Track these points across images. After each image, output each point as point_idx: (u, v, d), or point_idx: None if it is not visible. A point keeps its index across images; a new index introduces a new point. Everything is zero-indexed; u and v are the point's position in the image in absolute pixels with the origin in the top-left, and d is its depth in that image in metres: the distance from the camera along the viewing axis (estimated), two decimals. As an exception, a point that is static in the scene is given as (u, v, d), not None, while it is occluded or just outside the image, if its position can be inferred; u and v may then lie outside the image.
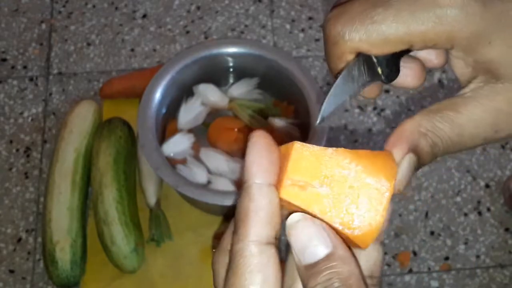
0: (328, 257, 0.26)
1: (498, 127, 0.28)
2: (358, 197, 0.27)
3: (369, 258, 0.29)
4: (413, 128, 0.28)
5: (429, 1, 0.26)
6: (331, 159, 0.27)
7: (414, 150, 0.27)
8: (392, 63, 0.30)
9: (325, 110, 0.30)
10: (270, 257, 0.26)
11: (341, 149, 0.28)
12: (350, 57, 0.29)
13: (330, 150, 0.28)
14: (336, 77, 0.30)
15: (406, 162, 0.27)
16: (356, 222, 0.27)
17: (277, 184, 0.27)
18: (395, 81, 0.30)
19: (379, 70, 0.29)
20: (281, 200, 0.27)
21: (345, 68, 0.29)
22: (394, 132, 0.28)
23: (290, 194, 0.27)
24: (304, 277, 0.26)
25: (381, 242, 0.29)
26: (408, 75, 0.30)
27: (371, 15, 0.27)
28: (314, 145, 0.28)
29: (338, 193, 0.27)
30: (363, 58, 0.29)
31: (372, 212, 0.27)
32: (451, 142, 0.28)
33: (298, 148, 0.27)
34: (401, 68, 0.30)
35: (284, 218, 0.28)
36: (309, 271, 0.26)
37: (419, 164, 0.28)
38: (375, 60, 0.29)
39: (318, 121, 0.30)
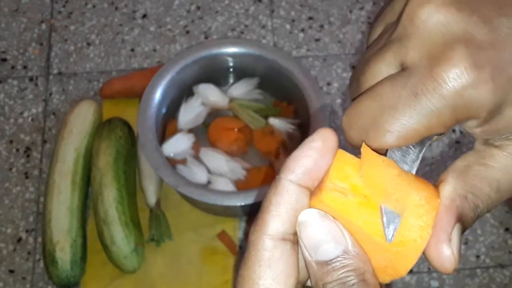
0: (343, 255, 0.25)
1: None
2: (404, 212, 0.26)
3: None
4: (453, 193, 0.27)
5: (435, 95, 0.25)
6: (379, 169, 0.26)
7: (460, 218, 0.26)
8: None
9: None
10: (283, 253, 0.26)
11: (391, 161, 0.27)
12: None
13: (381, 159, 0.26)
14: None
15: (456, 235, 0.26)
16: (398, 237, 0.25)
17: (318, 188, 0.26)
18: None
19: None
20: (319, 204, 0.26)
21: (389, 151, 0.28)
22: (440, 209, 0.27)
23: (330, 199, 0.26)
24: (317, 274, 0.25)
25: None
26: None
27: (382, 125, 0.26)
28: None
29: (382, 204, 0.26)
30: None
31: (417, 229, 0.25)
32: (491, 200, 0.27)
33: (344, 154, 0.26)
34: None
35: None
36: (324, 268, 0.25)
37: (463, 231, 0.27)
38: None
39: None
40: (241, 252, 0.82)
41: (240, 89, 0.88)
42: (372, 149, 0.27)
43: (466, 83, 0.24)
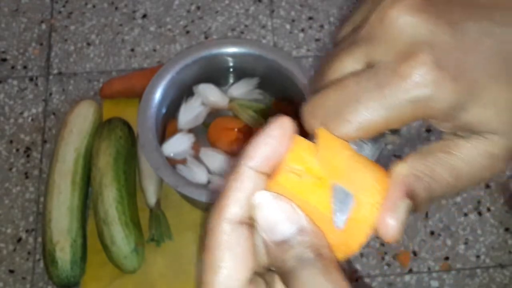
0: (298, 232, 0.26)
1: (494, 169, 0.28)
2: (357, 191, 0.27)
3: None
4: (408, 172, 0.27)
5: (398, 89, 0.26)
6: (334, 151, 0.27)
7: (410, 195, 0.27)
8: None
9: None
10: (241, 236, 0.27)
11: (346, 144, 0.28)
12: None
13: (337, 142, 0.27)
14: None
15: (402, 208, 0.27)
16: (350, 215, 0.27)
17: (275, 172, 0.27)
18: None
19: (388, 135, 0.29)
20: (276, 186, 0.27)
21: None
22: (392, 182, 0.28)
23: (285, 179, 0.27)
24: (275, 253, 0.26)
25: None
26: None
27: (343, 116, 0.27)
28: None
29: (336, 184, 0.27)
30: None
31: (368, 207, 0.27)
32: (448, 185, 0.28)
33: (301, 140, 0.27)
34: None
35: None
36: (281, 246, 0.26)
37: (415, 210, 0.28)
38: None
39: None
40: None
41: (240, 89, 0.88)
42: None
43: (428, 81, 0.25)
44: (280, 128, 0.28)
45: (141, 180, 0.86)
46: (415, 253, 0.86)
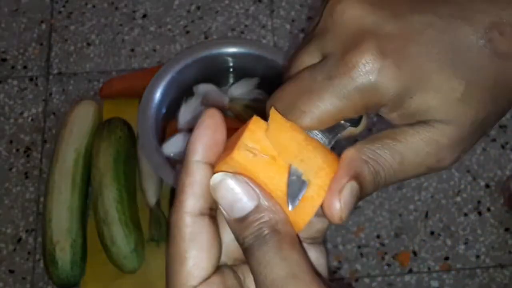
0: (256, 209, 0.27)
1: (439, 157, 0.29)
2: (306, 172, 0.28)
3: (313, 227, 0.30)
4: (355, 156, 0.28)
5: (346, 78, 0.27)
6: (286, 133, 0.28)
7: (356, 177, 0.28)
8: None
9: None
10: (203, 226, 0.28)
11: (298, 127, 0.29)
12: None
13: (288, 124, 0.29)
14: None
15: (348, 190, 0.28)
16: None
17: (227, 152, 0.28)
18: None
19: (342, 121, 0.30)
20: (231, 162, 0.28)
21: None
22: (340, 164, 0.29)
23: (241, 156, 0.28)
24: (236, 230, 0.28)
25: (320, 243, 0.31)
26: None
27: (299, 107, 0.28)
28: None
29: (287, 166, 0.28)
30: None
31: (315, 187, 0.28)
32: (392, 170, 0.29)
33: (258, 120, 0.28)
34: None
35: None
36: (241, 224, 0.27)
37: (361, 193, 0.28)
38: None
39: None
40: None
41: (240, 89, 0.88)
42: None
43: (373, 68, 0.27)
44: (211, 118, 0.29)
45: (141, 180, 0.86)
46: (415, 253, 0.86)
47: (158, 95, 0.81)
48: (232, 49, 0.85)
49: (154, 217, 0.83)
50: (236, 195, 0.27)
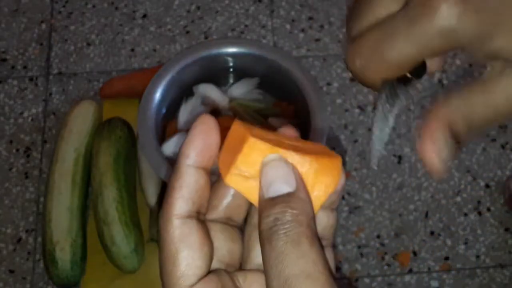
0: (288, 195, 0.27)
1: None
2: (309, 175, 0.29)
3: (319, 222, 0.30)
4: (446, 106, 0.30)
5: (427, 21, 0.28)
6: (283, 155, 0.29)
7: (450, 127, 0.29)
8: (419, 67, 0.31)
9: (377, 150, 0.32)
10: (192, 227, 0.28)
11: (296, 142, 0.30)
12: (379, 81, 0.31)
13: (284, 141, 0.29)
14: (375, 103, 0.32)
15: (441, 139, 0.29)
16: None
17: (226, 167, 0.29)
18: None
19: (408, 75, 0.31)
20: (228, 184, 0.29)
21: (378, 102, 0.31)
22: (430, 116, 0.30)
23: (232, 181, 0.29)
24: (261, 208, 0.28)
25: (332, 209, 0.31)
26: (432, 64, 0.32)
27: (382, 52, 0.29)
28: (269, 133, 0.30)
29: None
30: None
31: (321, 190, 0.29)
32: (487, 118, 0.30)
33: (252, 142, 0.28)
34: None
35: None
36: (268, 202, 0.28)
37: (458, 141, 0.29)
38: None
39: (374, 165, 0.32)
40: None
41: (240, 89, 0.88)
42: (370, 81, 0.30)
43: (453, 14, 0.27)
44: (204, 124, 0.30)
45: (141, 180, 0.86)
46: (415, 253, 0.86)
47: (158, 95, 0.81)
48: (232, 49, 0.85)
49: (154, 217, 0.83)
50: (276, 177, 0.28)
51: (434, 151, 0.29)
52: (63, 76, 0.99)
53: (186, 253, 0.28)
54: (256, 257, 0.31)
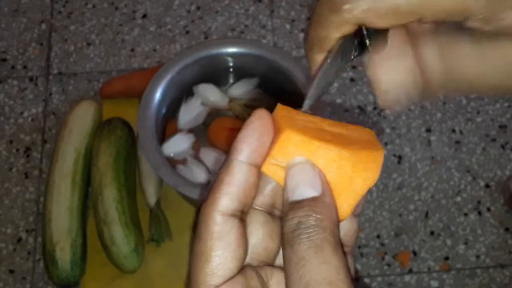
0: (313, 199, 0.27)
1: None
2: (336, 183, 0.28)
3: (341, 227, 0.30)
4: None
5: None
6: (318, 149, 0.28)
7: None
8: (381, 34, 0.28)
9: (312, 95, 0.31)
10: (232, 227, 0.27)
11: (340, 128, 0.29)
12: (348, 29, 0.29)
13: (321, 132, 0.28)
14: (326, 53, 0.30)
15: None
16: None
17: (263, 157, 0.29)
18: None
19: (367, 42, 0.28)
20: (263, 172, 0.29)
21: (337, 45, 0.29)
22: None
23: (269, 171, 0.28)
24: (285, 210, 0.27)
25: (355, 215, 0.30)
26: (394, 47, 0.30)
27: None
28: (309, 122, 0.29)
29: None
30: (355, 32, 0.28)
31: (342, 205, 0.28)
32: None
33: (287, 134, 0.28)
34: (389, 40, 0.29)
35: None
36: (292, 205, 0.27)
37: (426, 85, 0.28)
38: (365, 32, 0.28)
39: (305, 107, 0.31)
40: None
41: (240, 89, 0.88)
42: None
43: None
44: (261, 119, 0.29)
45: (141, 180, 0.86)
46: (415, 253, 0.86)
47: (158, 95, 0.81)
48: (232, 49, 0.85)
49: (154, 217, 0.83)
50: (302, 181, 0.27)
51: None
52: (63, 76, 0.99)
53: (221, 253, 0.27)
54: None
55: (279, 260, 0.30)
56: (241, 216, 0.28)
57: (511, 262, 0.86)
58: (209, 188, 0.28)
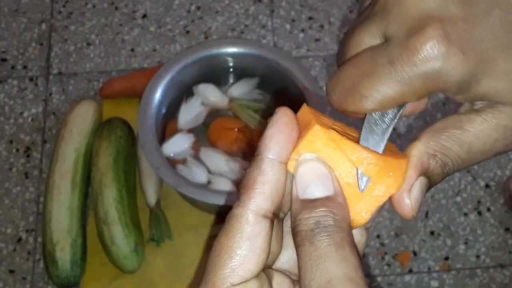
0: (328, 198, 0.27)
1: (507, 140, 0.28)
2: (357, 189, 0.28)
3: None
4: (421, 151, 0.28)
5: (408, 64, 0.26)
6: (346, 148, 0.28)
7: (425, 173, 0.28)
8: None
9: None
10: (263, 229, 0.27)
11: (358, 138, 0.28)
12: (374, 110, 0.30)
13: (349, 134, 0.28)
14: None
15: (417, 186, 0.28)
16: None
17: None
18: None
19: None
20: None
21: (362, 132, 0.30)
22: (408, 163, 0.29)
23: (293, 167, 0.28)
24: (298, 208, 0.27)
25: (366, 228, 0.30)
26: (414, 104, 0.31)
27: (360, 91, 0.28)
28: (336, 125, 0.29)
29: (340, 180, 0.28)
30: None
31: (362, 210, 0.28)
32: (461, 160, 0.29)
33: (317, 130, 0.27)
34: None
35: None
36: (306, 204, 0.27)
37: (430, 185, 0.29)
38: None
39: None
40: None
41: (240, 89, 0.88)
42: (350, 113, 0.29)
43: (437, 55, 0.26)
44: (286, 116, 0.28)
45: (141, 180, 0.86)
46: (415, 253, 0.86)
47: (158, 95, 0.81)
48: (232, 49, 0.85)
49: (154, 217, 0.83)
50: (314, 180, 0.27)
51: (409, 199, 0.28)
52: (63, 76, 0.99)
53: (245, 254, 0.27)
54: (282, 260, 0.30)
55: (278, 264, 0.30)
56: (272, 218, 0.28)
57: (511, 262, 0.86)
58: (240, 187, 0.28)
